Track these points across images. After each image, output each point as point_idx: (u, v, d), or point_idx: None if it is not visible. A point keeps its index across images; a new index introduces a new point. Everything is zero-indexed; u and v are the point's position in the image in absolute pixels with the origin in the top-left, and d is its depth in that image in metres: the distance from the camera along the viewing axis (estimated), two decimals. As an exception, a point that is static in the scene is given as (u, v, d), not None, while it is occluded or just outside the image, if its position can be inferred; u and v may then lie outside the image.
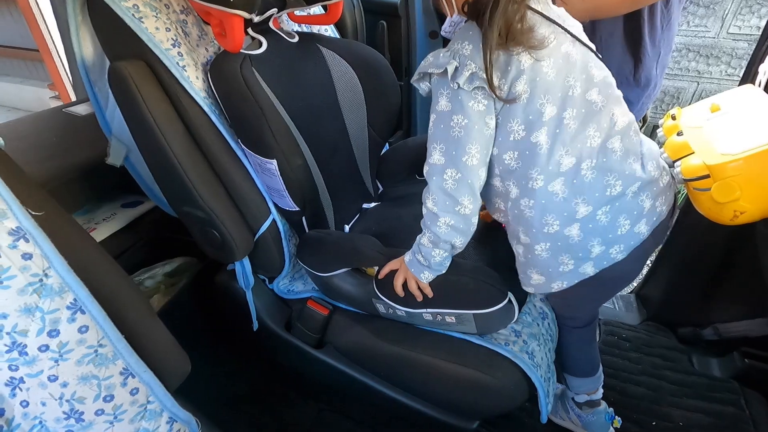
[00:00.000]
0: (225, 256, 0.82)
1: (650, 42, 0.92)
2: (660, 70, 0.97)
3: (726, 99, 0.69)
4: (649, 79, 0.97)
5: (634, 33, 0.91)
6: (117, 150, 0.86)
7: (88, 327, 0.47)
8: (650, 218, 0.63)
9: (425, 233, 0.67)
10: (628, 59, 0.93)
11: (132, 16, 0.67)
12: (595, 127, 0.58)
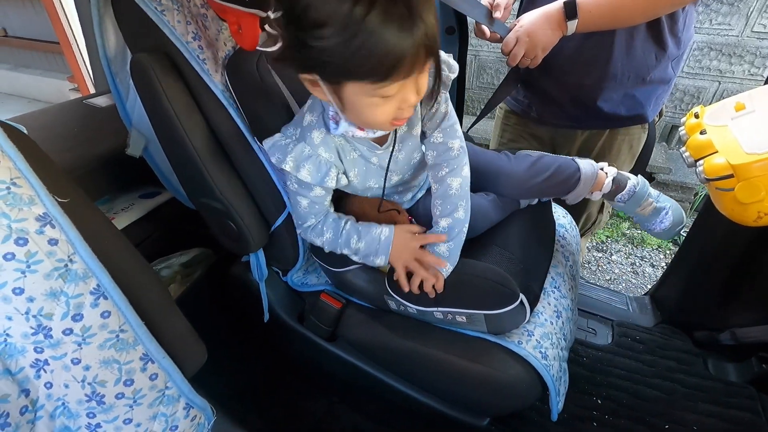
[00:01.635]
0: (241, 247, 0.83)
1: (672, 42, 0.90)
2: (675, 67, 0.96)
3: (751, 97, 0.67)
4: (663, 78, 0.95)
5: (657, 33, 0.89)
6: (136, 141, 0.88)
7: (110, 312, 0.48)
8: None
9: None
10: (651, 56, 0.91)
11: (154, 9, 0.68)
12: None
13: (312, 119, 0.66)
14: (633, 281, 1.96)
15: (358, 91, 0.54)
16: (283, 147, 0.66)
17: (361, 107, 0.56)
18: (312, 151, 0.65)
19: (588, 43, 0.91)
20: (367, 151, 0.70)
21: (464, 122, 2.61)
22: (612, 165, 0.99)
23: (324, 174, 0.66)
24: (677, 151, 2.24)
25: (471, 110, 2.76)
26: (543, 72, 0.98)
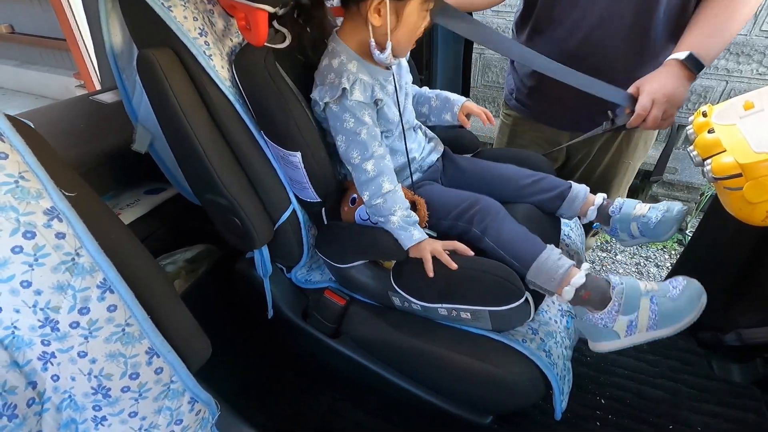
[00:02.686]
0: (245, 244, 0.84)
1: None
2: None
3: (761, 96, 0.67)
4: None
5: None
6: (142, 137, 0.88)
7: (117, 306, 0.48)
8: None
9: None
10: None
11: (161, 5, 0.68)
12: None
13: (341, 59, 0.76)
14: (638, 281, 1.95)
15: (417, 8, 0.72)
16: (330, 88, 0.75)
17: (414, 23, 0.73)
18: (355, 77, 0.75)
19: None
20: (383, 79, 0.81)
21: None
22: (628, 161, 0.99)
23: (371, 91, 0.76)
24: (684, 150, 2.23)
25: (475, 109, 2.75)
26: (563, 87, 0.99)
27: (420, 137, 0.93)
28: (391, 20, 0.70)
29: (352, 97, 0.73)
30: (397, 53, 0.77)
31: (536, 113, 1.15)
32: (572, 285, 0.68)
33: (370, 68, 0.79)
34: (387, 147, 0.81)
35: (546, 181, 0.88)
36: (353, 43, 0.77)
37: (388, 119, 0.82)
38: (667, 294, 0.67)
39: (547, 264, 0.70)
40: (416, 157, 0.90)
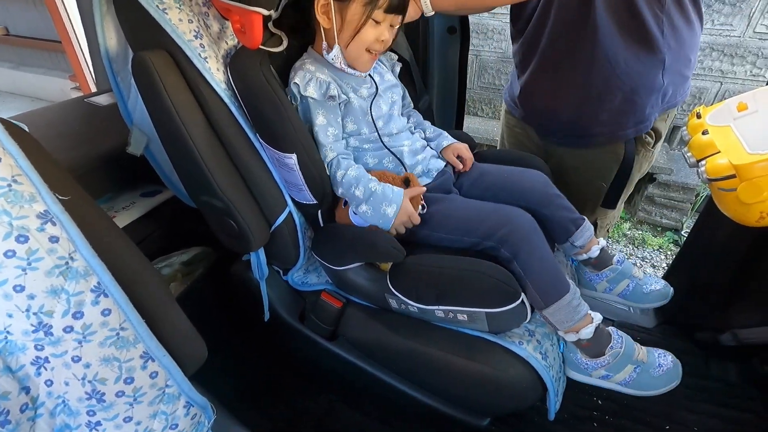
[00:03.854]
0: (241, 246, 0.83)
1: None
2: (670, 77, 0.92)
3: (754, 97, 0.67)
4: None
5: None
6: (138, 139, 0.88)
7: (111, 310, 0.48)
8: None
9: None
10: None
11: (156, 8, 0.68)
12: None
13: (303, 62, 0.82)
14: (634, 282, 1.96)
15: (359, 10, 0.74)
16: (294, 85, 0.80)
17: (357, 24, 0.75)
18: (311, 75, 0.79)
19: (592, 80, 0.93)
20: (356, 84, 0.85)
21: (465, 122, 2.61)
22: (600, 182, 1.03)
23: (326, 88, 0.79)
24: (679, 151, 2.24)
25: (472, 110, 2.76)
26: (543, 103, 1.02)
27: (416, 138, 0.93)
28: (336, 20, 0.75)
29: (305, 93, 0.78)
30: (350, 60, 0.81)
31: (529, 119, 1.15)
32: (579, 335, 0.72)
33: (338, 73, 0.83)
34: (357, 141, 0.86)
35: (564, 200, 0.86)
36: (321, 49, 0.82)
37: (362, 119, 0.85)
38: (650, 369, 0.74)
39: (568, 308, 0.71)
40: (418, 159, 0.89)
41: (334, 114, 0.82)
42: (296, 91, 0.79)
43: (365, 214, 0.78)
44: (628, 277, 0.86)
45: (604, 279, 0.87)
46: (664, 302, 0.85)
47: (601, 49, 0.88)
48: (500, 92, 2.61)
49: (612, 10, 0.85)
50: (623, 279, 0.86)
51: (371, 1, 0.73)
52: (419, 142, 0.93)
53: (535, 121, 1.12)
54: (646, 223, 2.23)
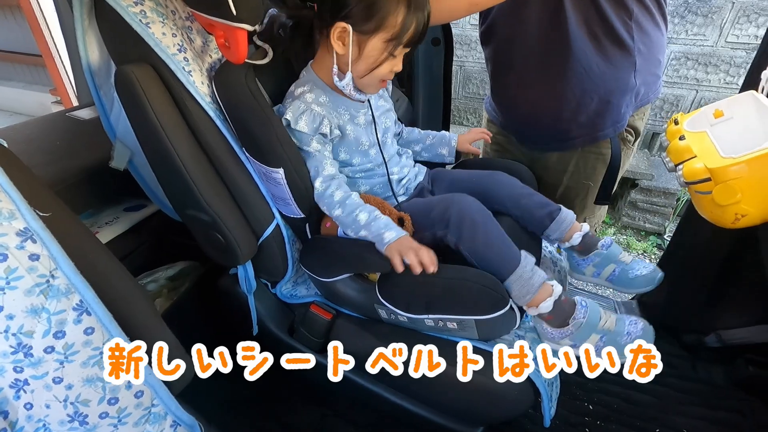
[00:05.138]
0: (228, 259, 0.82)
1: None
2: (642, 78, 0.95)
3: (729, 104, 0.69)
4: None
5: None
6: (121, 153, 0.87)
7: (94, 329, 0.47)
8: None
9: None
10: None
11: (139, 22, 0.67)
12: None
13: (302, 89, 0.79)
14: (620, 286, 1.99)
15: (379, 46, 0.73)
16: (282, 109, 0.78)
17: (375, 59, 0.74)
18: (306, 107, 0.77)
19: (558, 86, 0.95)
20: (354, 111, 0.83)
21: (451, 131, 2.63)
22: (588, 182, 1.03)
23: (318, 124, 0.77)
24: (659, 157, 2.29)
25: (458, 120, 2.79)
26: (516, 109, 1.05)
27: (405, 161, 0.94)
28: (353, 50, 0.73)
29: (295, 127, 0.76)
30: (361, 87, 0.79)
31: (508, 127, 1.17)
32: (539, 309, 0.72)
33: (337, 99, 0.81)
34: (354, 170, 0.86)
35: (538, 197, 0.88)
36: (323, 72, 0.80)
37: (355, 149, 0.84)
38: (617, 338, 0.71)
39: (521, 281, 0.71)
40: (402, 181, 0.90)
41: (324, 144, 0.80)
42: (285, 123, 0.77)
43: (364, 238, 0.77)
44: (614, 261, 0.85)
45: (591, 263, 0.87)
46: (651, 287, 0.82)
47: (574, 56, 0.90)
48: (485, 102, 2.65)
49: (583, 20, 0.88)
50: (609, 263, 0.85)
51: (394, 38, 0.72)
52: (406, 167, 0.93)
53: (515, 129, 1.14)
54: (630, 228, 2.27)
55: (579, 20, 0.88)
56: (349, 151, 0.84)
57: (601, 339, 0.72)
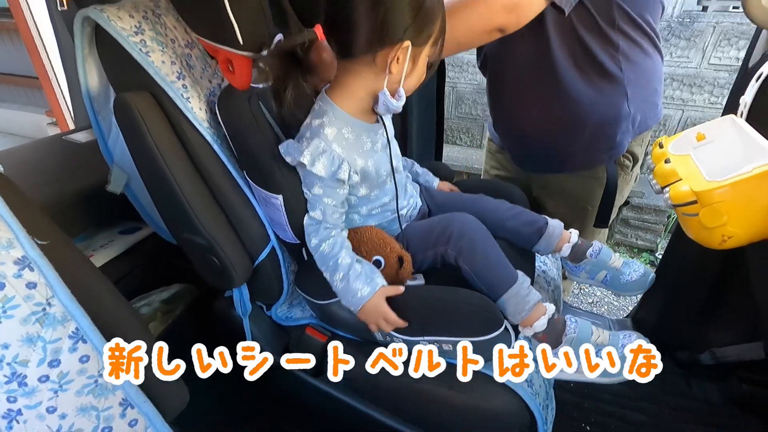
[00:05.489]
0: (224, 282, 0.82)
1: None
2: (636, 105, 0.96)
3: (711, 128, 0.72)
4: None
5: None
6: (118, 177, 0.87)
7: (89, 357, 0.47)
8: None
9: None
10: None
11: (139, 51, 0.69)
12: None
13: (322, 121, 0.73)
14: (615, 303, 2.00)
15: (428, 52, 0.70)
16: (298, 146, 0.72)
17: (423, 66, 0.72)
18: (326, 146, 0.71)
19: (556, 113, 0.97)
20: (374, 135, 0.78)
21: (446, 151, 2.67)
22: (586, 206, 1.05)
23: (337, 167, 0.72)
24: (648, 176, 2.33)
25: (451, 139, 2.83)
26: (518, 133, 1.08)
27: (410, 190, 0.91)
28: (408, 65, 0.68)
29: (311, 169, 0.71)
30: (399, 103, 0.74)
31: (507, 148, 1.20)
32: (533, 328, 0.72)
33: (360, 127, 0.75)
34: (370, 202, 0.82)
35: (524, 215, 0.89)
36: (348, 100, 0.73)
37: (375, 182, 0.80)
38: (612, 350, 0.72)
39: (516, 299, 0.72)
40: (406, 214, 0.88)
41: (335, 191, 0.75)
42: (299, 164, 0.72)
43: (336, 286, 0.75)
44: (605, 267, 0.87)
45: (583, 270, 0.89)
46: (644, 290, 0.86)
47: (564, 88, 0.93)
48: (477, 121, 2.70)
49: (569, 54, 0.91)
50: (600, 269, 0.87)
51: (437, 39, 0.70)
52: (412, 197, 0.90)
53: (512, 152, 1.16)
54: (622, 245, 2.29)
55: (565, 55, 0.91)
56: (370, 186, 0.80)
57: (597, 354, 0.72)
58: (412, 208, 0.89)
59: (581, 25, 0.87)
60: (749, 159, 0.59)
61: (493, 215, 0.89)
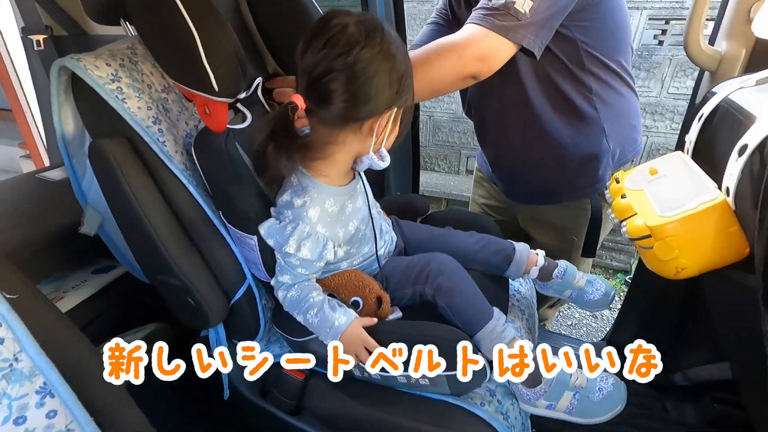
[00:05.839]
0: (199, 322, 0.82)
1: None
2: (615, 140, 1.01)
3: (662, 163, 0.77)
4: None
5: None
6: (92, 219, 0.87)
7: (57, 411, 0.46)
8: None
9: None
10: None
11: (116, 98, 0.71)
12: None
13: (305, 201, 0.71)
14: (593, 325, 2.03)
15: (405, 108, 0.71)
16: (281, 230, 0.72)
17: (398, 124, 0.72)
18: (311, 229, 0.71)
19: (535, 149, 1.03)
20: (352, 190, 0.78)
21: (425, 178, 2.72)
22: (573, 237, 1.09)
23: (322, 248, 0.72)
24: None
25: (430, 166, 2.90)
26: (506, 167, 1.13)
27: (385, 227, 0.91)
28: (391, 127, 0.70)
29: (298, 254, 0.71)
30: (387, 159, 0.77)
31: (493, 180, 1.25)
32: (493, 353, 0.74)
33: (340, 194, 0.75)
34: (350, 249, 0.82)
35: (492, 244, 0.93)
36: (329, 170, 0.73)
37: (356, 240, 0.81)
38: (590, 395, 0.75)
39: (492, 335, 0.74)
40: (383, 252, 0.89)
41: (314, 264, 0.74)
42: (281, 250, 0.72)
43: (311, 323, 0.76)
44: (570, 287, 0.92)
45: (551, 288, 0.95)
46: (605, 308, 0.92)
47: (545, 130, 0.98)
48: (454, 149, 2.77)
49: (546, 99, 0.96)
50: (566, 289, 0.93)
51: (410, 95, 0.71)
52: (387, 234, 0.91)
53: (501, 185, 1.22)
54: (598, 266, 2.35)
55: (542, 99, 0.96)
56: (351, 244, 0.80)
57: (575, 396, 0.75)
58: (389, 245, 0.91)
59: (553, 71, 0.93)
60: (696, 194, 0.63)
61: (464, 248, 0.92)
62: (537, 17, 0.78)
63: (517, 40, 0.79)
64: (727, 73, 0.88)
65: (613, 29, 0.93)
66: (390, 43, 0.64)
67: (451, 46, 0.81)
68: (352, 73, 0.61)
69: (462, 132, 2.70)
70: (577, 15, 0.85)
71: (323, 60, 0.61)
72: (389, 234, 0.92)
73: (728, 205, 0.60)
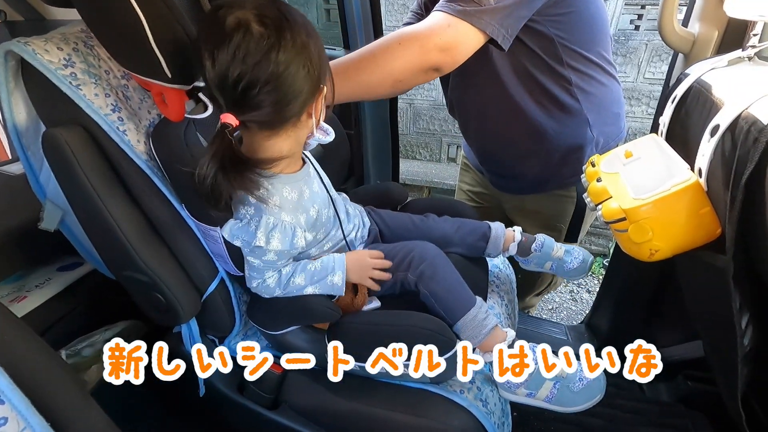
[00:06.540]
0: (170, 319, 0.79)
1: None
2: (599, 129, 1.01)
3: (636, 146, 0.77)
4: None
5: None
6: (52, 214, 0.83)
7: (8, 419, 0.43)
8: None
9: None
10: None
11: (69, 84, 0.66)
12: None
13: (260, 194, 0.67)
14: (573, 308, 2.07)
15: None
16: (245, 227, 0.69)
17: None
18: (276, 219, 0.68)
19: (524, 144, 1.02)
20: (308, 178, 0.76)
21: (406, 166, 2.71)
22: (561, 225, 1.11)
23: (291, 237, 0.70)
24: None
25: (411, 154, 2.88)
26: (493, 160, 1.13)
27: (352, 211, 0.90)
28: (326, 103, 0.69)
29: (268, 247, 0.68)
30: (332, 132, 0.77)
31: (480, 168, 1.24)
32: (493, 354, 0.74)
33: (294, 180, 0.72)
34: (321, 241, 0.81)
35: (467, 225, 0.93)
36: (278, 161, 0.69)
37: (321, 222, 0.78)
38: (570, 384, 0.74)
39: (474, 323, 0.74)
40: (355, 237, 0.88)
41: (290, 253, 0.73)
42: (248, 246, 0.70)
43: (310, 279, 0.75)
44: (549, 258, 0.94)
45: (532, 263, 0.96)
46: (586, 273, 0.94)
47: (529, 123, 0.97)
48: (435, 136, 2.76)
49: (527, 93, 0.95)
50: (546, 261, 0.94)
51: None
52: (356, 217, 0.89)
53: (488, 176, 1.21)
54: (577, 250, 2.39)
55: (524, 93, 0.95)
56: (316, 228, 0.78)
57: (555, 386, 0.75)
58: (359, 228, 0.89)
59: (532, 67, 0.92)
60: (669, 176, 0.63)
61: (441, 233, 0.91)
62: (500, 4, 0.76)
63: (480, 26, 0.77)
64: (700, 54, 0.88)
65: (590, 21, 0.92)
66: (299, 32, 0.59)
67: (414, 35, 0.79)
68: (276, 79, 0.58)
69: (443, 119, 2.68)
70: (551, 9, 0.84)
71: (239, 71, 0.56)
72: (358, 218, 0.90)
73: (700, 187, 0.60)
